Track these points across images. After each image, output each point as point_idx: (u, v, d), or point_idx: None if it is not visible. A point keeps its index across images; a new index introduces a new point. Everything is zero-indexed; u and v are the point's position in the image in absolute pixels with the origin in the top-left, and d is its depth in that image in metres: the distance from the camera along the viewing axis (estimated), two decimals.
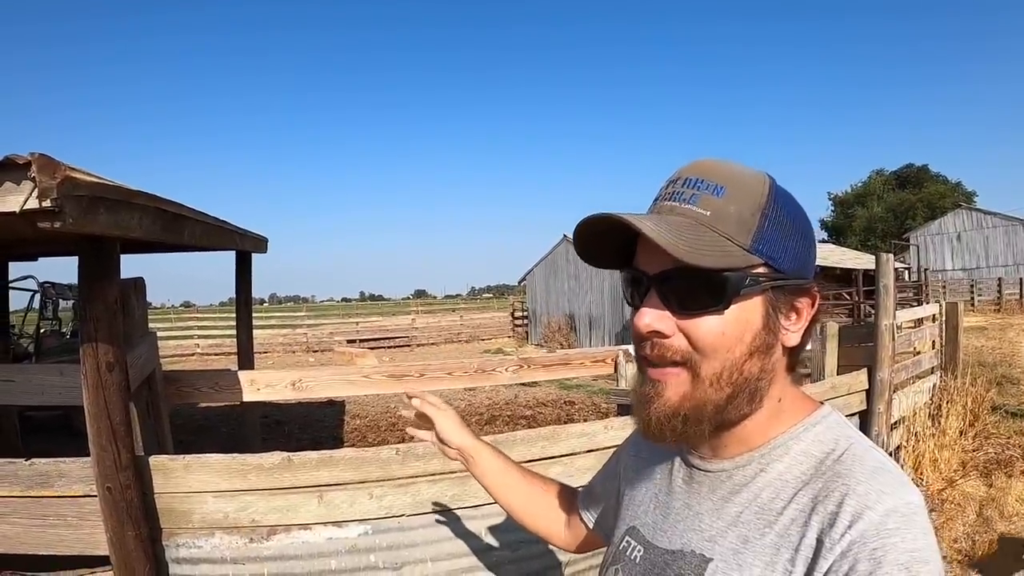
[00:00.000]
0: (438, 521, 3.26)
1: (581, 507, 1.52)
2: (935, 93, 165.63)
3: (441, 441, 1.68)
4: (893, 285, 6.44)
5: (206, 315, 33.77)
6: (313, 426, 10.40)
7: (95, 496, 2.95)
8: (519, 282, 33.43)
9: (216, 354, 25.74)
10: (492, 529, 3.30)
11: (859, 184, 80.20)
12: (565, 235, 28.14)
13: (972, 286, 36.25)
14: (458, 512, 3.25)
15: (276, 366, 20.37)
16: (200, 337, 28.19)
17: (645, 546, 1.15)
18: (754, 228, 0.98)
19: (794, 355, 1.06)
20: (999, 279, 36.05)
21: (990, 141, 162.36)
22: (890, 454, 6.37)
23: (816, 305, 1.05)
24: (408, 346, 30.51)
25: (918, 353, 9.17)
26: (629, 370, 4.50)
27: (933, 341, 9.41)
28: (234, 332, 6.78)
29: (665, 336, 0.99)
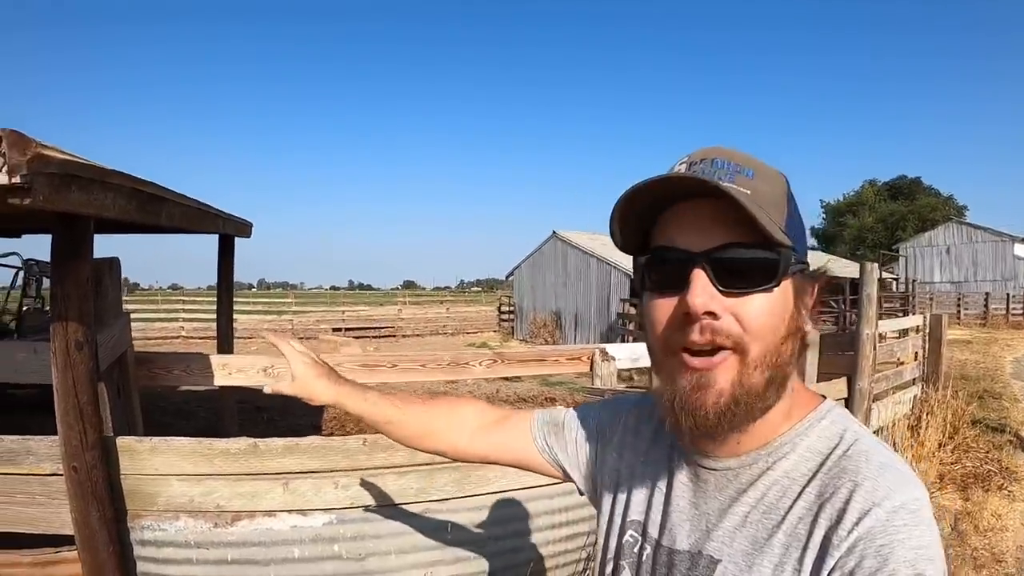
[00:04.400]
0: (403, 513, 3.26)
1: (539, 433, 1.43)
2: (931, 108, 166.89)
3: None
4: (876, 295, 6.46)
5: (193, 298, 33.58)
6: (293, 413, 10.33)
7: (63, 475, 2.95)
8: (506, 277, 33.46)
9: (201, 338, 25.63)
10: (456, 524, 3.31)
11: (851, 193, 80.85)
12: (554, 231, 28.19)
13: (959, 299, 36.45)
14: (423, 505, 3.26)
15: (259, 352, 20.34)
16: (186, 320, 28.08)
17: (652, 545, 1.13)
18: (785, 211, 0.98)
19: (803, 344, 1.03)
20: (986, 294, 36.31)
21: (984, 157, 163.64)
22: None
23: (816, 295, 1.05)
24: (393, 336, 30.54)
25: (900, 364, 9.21)
26: (604, 369, 4.51)
27: (916, 353, 9.42)
28: None
29: (716, 317, 0.94)
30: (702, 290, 0.93)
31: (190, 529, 3.09)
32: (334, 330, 29.22)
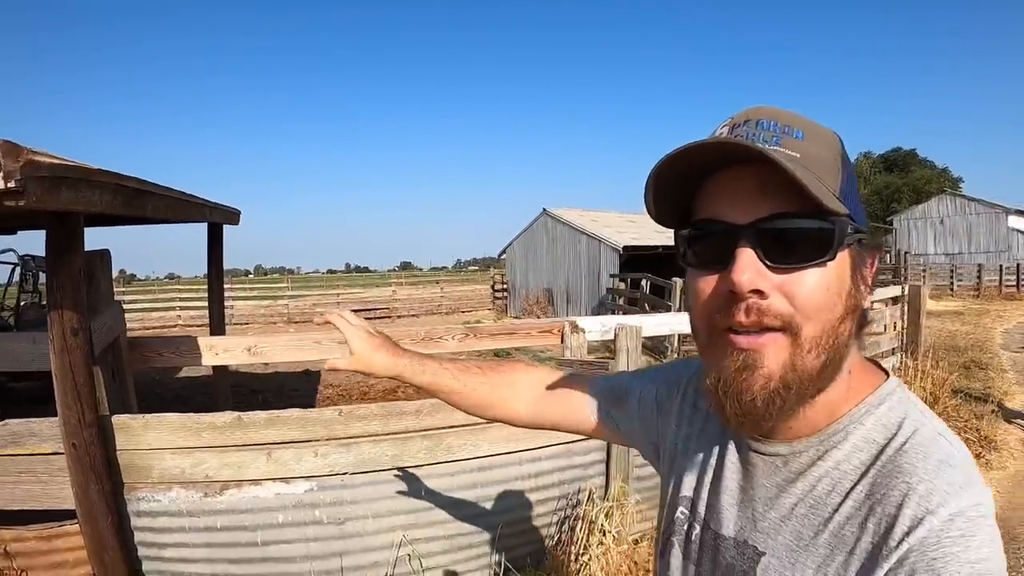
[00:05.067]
0: (378, 480, 3.47)
1: (601, 403, 1.39)
2: (928, 80, 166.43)
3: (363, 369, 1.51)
4: None
5: (189, 286, 33.53)
6: (288, 396, 10.58)
7: (64, 453, 3.18)
8: (499, 255, 33.29)
9: (198, 325, 25.65)
10: (429, 490, 3.53)
11: None
12: (544, 209, 28.07)
13: (952, 271, 36.23)
14: (398, 472, 3.47)
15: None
16: (182, 309, 28.07)
17: (701, 525, 1.08)
18: (839, 175, 0.89)
19: (863, 319, 0.94)
20: (979, 265, 35.96)
21: (979, 130, 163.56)
22: None
23: (875, 267, 0.96)
24: (388, 317, 30.38)
25: (880, 333, 9.28)
26: (574, 341, 4.64)
27: (895, 323, 9.44)
28: None
29: (764, 296, 0.86)
30: (748, 266, 0.85)
31: (182, 499, 3.32)
32: None
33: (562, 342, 4.76)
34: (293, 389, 11.18)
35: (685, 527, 1.11)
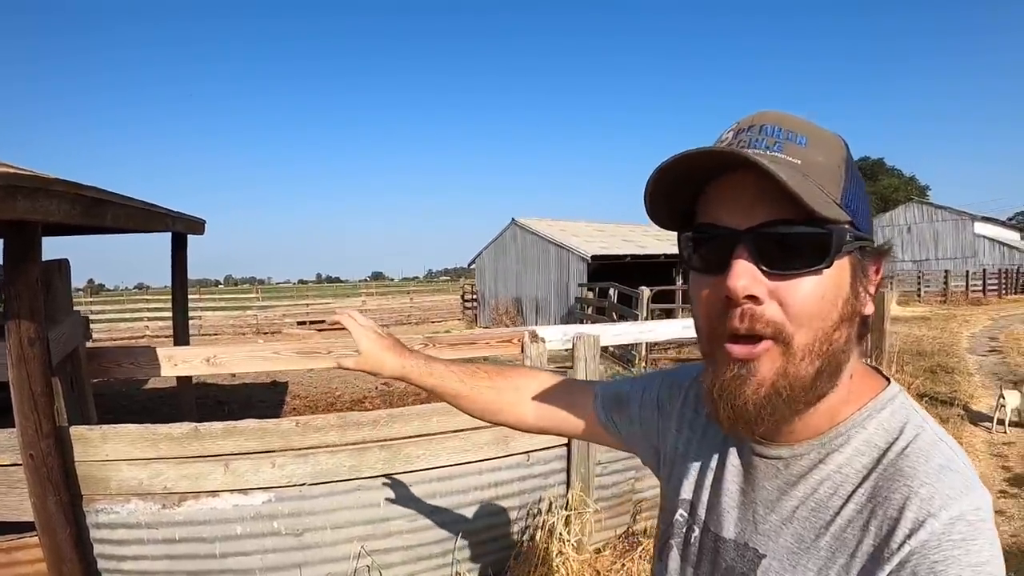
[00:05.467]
0: (336, 490, 3.48)
1: (602, 408, 1.41)
2: (897, 92, 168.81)
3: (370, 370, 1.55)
4: None
5: (158, 296, 33.22)
6: (255, 407, 10.47)
7: (22, 464, 3.16)
8: (468, 265, 33.26)
9: (165, 336, 25.41)
10: (388, 499, 3.55)
11: None
12: (513, 219, 28.13)
13: (919, 277, 36.65)
14: (355, 482, 3.49)
15: None
16: (150, 319, 27.80)
17: (700, 527, 1.09)
18: (841, 181, 0.90)
19: (864, 326, 0.96)
20: (946, 271, 36.48)
21: (946, 137, 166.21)
22: None
23: (881, 273, 0.97)
24: None
25: None
26: (534, 350, 4.65)
27: None
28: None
29: (759, 302, 0.87)
30: (744, 272, 0.86)
31: (141, 511, 3.31)
32: (299, 323, 29.06)
33: (522, 352, 4.76)
34: (260, 400, 11.11)
35: (684, 530, 1.12)
